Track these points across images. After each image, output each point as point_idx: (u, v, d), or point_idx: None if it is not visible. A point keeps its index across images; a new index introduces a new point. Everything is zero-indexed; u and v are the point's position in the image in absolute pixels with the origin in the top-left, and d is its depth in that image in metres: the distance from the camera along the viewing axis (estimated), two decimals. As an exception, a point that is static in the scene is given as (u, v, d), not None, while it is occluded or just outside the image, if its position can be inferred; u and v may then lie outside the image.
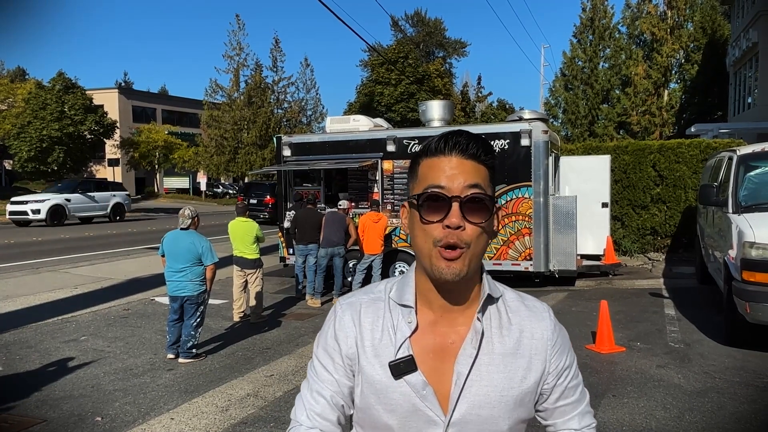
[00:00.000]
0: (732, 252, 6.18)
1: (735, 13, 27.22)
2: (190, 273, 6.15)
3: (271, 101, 42.66)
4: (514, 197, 9.41)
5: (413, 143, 9.96)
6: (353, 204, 10.30)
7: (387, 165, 10.20)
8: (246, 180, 44.57)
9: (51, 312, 8.54)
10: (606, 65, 34.16)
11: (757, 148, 7.45)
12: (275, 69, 43.79)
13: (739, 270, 5.91)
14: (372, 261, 9.19)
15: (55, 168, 30.66)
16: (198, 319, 6.27)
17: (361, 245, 9.24)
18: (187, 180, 49.09)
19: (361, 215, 9.60)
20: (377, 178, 10.28)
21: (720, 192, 7.25)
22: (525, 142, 9.29)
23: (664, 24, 32.50)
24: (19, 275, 11.72)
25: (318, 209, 9.66)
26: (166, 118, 55.44)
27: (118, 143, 41.68)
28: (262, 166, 36.94)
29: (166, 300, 9.37)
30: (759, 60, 22.32)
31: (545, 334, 1.18)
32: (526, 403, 1.16)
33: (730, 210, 6.73)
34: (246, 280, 8.08)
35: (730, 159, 7.47)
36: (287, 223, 10.34)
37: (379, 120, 11.94)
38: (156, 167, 48.10)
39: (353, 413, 1.21)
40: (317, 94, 53.04)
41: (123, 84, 72.19)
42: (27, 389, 5.39)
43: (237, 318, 8.05)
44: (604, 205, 10.96)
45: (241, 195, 27.31)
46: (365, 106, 37.79)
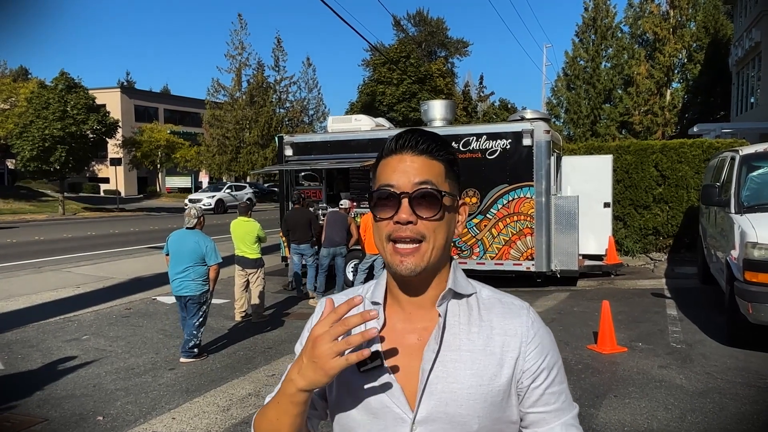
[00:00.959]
0: (734, 252, 6.17)
1: (738, 13, 27.16)
2: (192, 272, 6.15)
3: (273, 101, 42.67)
4: (515, 197, 9.40)
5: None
6: (355, 204, 10.30)
7: (389, 165, 10.17)
8: (248, 179, 44.61)
9: (53, 311, 8.56)
10: (608, 65, 34.11)
11: (760, 148, 7.43)
12: (277, 68, 43.84)
13: (742, 270, 5.90)
14: (373, 261, 9.19)
15: (58, 167, 30.65)
16: (200, 319, 6.26)
17: (363, 245, 9.25)
18: (189, 179, 49.18)
19: (363, 215, 9.60)
20: (379, 177, 10.26)
21: (722, 192, 7.23)
22: (527, 141, 9.29)
23: (666, 23, 32.44)
24: (22, 274, 11.74)
25: (308, 208, 9.61)
26: (168, 117, 55.49)
27: (120, 142, 41.69)
28: (263, 165, 36.97)
29: (168, 299, 9.41)
30: (762, 60, 22.27)
31: (519, 330, 1.13)
32: (499, 403, 1.11)
33: (732, 210, 6.72)
34: (247, 279, 8.09)
35: (732, 159, 7.45)
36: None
37: (381, 120, 11.95)
38: (158, 167, 48.14)
39: (329, 412, 1.21)
40: (319, 93, 53.07)
41: (125, 83, 72.27)
42: (29, 388, 5.40)
43: (238, 317, 8.06)
44: (606, 205, 10.94)
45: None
46: (367, 105, 37.80)
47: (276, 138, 11.74)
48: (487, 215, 9.59)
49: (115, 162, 35.42)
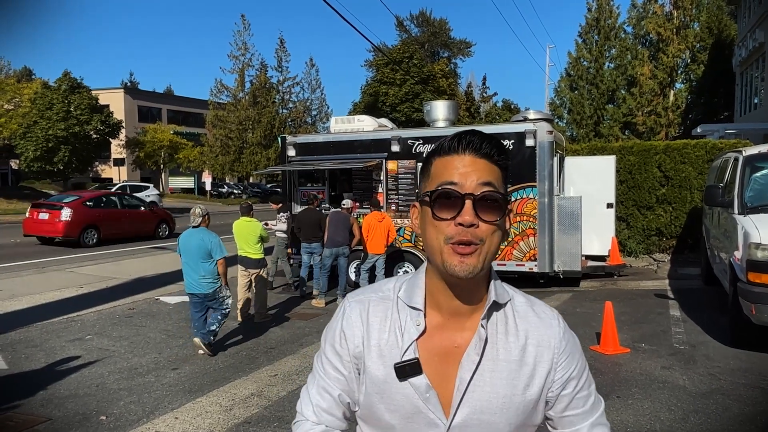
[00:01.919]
0: (737, 253, 6.16)
1: (741, 13, 27.10)
2: (202, 270, 6.30)
3: (276, 101, 42.73)
4: (518, 198, 9.39)
5: (418, 143, 9.96)
6: (357, 204, 10.30)
7: (391, 165, 10.20)
8: (251, 179, 44.65)
9: (56, 311, 8.58)
10: (611, 65, 34.08)
11: (763, 148, 7.41)
12: (280, 69, 43.89)
13: (745, 271, 5.88)
14: (375, 261, 9.19)
15: (61, 167, 30.75)
16: (224, 311, 6.50)
17: (365, 245, 9.25)
18: (192, 180, 49.22)
19: (366, 215, 9.60)
20: (381, 178, 10.28)
21: (726, 193, 7.22)
22: (530, 142, 9.28)
23: (670, 24, 32.39)
24: (25, 274, 11.77)
25: (319, 209, 9.75)
26: (171, 117, 55.55)
27: (123, 143, 41.81)
28: (266, 166, 36.99)
29: (171, 299, 9.44)
30: (765, 60, 22.20)
31: (552, 342, 1.16)
32: (529, 411, 1.15)
33: (735, 211, 6.70)
34: (250, 279, 8.10)
35: (736, 160, 7.44)
36: (281, 224, 10.42)
37: (384, 120, 11.94)
38: (161, 167, 48.21)
39: (357, 410, 1.21)
40: (322, 94, 53.03)
41: (128, 84, 72.37)
42: (32, 388, 5.41)
43: (241, 318, 8.07)
44: (609, 206, 10.93)
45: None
46: (370, 106, 37.80)
47: (279, 138, 11.78)
48: (508, 225, 9.56)
49: (119, 162, 35.53)
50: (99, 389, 5.43)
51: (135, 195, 25.47)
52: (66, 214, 16.00)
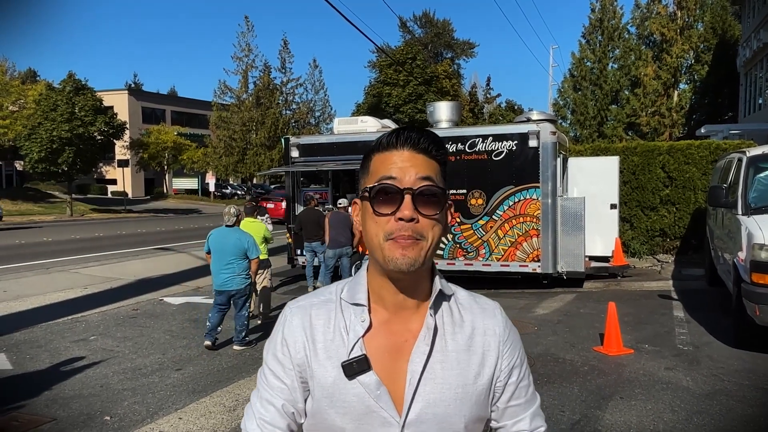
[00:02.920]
0: (741, 254, 6.14)
1: (746, 14, 27.02)
2: (237, 267, 6.56)
3: (280, 102, 42.76)
4: (521, 198, 9.39)
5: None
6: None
7: (395, 166, 10.19)
8: (255, 181, 44.72)
9: (61, 312, 8.61)
10: (615, 66, 34.01)
11: (767, 149, 7.40)
12: (284, 70, 43.91)
13: (749, 272, 5.87)
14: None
15: (65, 169, 30.85)
16: (248, 310, 6.80)
17: (364, 245, 9.32)
18: (196, 181, 49.36)
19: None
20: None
21: (729, 193, 7.20)
22: (533, 143, 9.27)
23: (673, 24, 32.32)
24: (30, 275, 11.82)
25: (317, 208, 9.95)
26: (175, 119, 55.73)
27: (127, 144, 41.92)
28: (270, 167, 37.03)
29: (174, 300, 9.46)
30: (770, 60, 22.15)
31: (497, 330, 1.18)
32: (481, 401, 1.15)
33: (739, 212, 6.69)
34: (254, 280, 8.11)
35: (739, 160, 7.42)
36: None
37: (387, 121, 11.97)
38: (165, 168, 48.37)
39: (304, 422, 1.17)
40: (325, 95, 53.10)
41: (133, 85, 72.60)
42: (37, 388, 5.43)
43: (245, 318, 8.08)
44: (612, 207, 10.91)
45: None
46: (373, 107, 37.83)
47: (282, 139, 11.78)
48: (493, 217, 9.59)
49: (123, 163, 35.60)
50: (103, 390, 5.45)
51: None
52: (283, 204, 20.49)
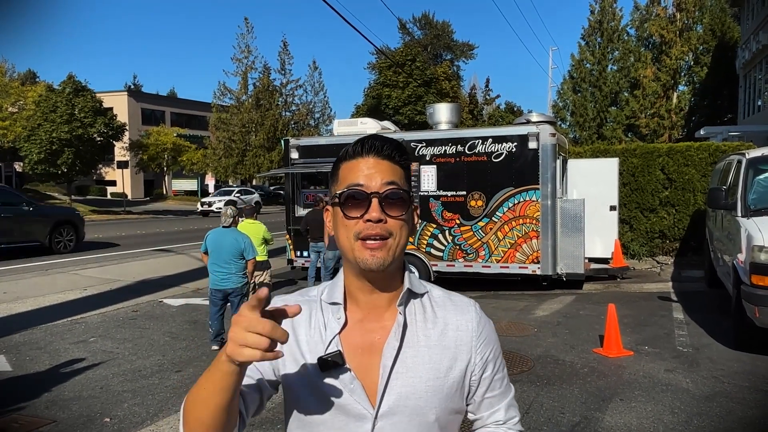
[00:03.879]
0: (741, 256, 6.15)
1: (745, 16, 27.07)
2: (234, 267, 6.63)
3: (279, 104, 42.80)
4: (521, 200, 9.39)
5: (421, 146, 9.97)
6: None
7: (394, 168, 10.20)
8: (254, 182, 44.70)
9: (60, 313, 8.60)
10: (614, 68, 34.08)
11: (766, 151, 7.41)
12: (283, 72, 43.99)
13: (748, 274, 5.88)
14: None
15: (65, 170, 30.84)
16: None
17: None
18: (196, 182, 49.34)
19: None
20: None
21: (729, 195, 7.21)
22: (532, 144, 9.28)
23: (673, 26, 32.38)
24: (29, 276, 11.81)
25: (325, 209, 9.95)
26: (174, 120, 55.74)
27: (127, 145, 41.92)
28: (269, 168, 37.06)
29: (174, 302, 9.46)
30: (769, 62, 22.18)
31: (470, 325, 1.23)
32: (453, 394, 1.20)
33: (739, 213, 6.70)
34: (254, 282, 8.12)
35: (739, 162, 7.43)
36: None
37: (387, 123, 11.96)
38: (164, 169, 48.36)
39: (285, 414, 1.23)
40: (325, 96, 53.14)
41: (132, 86, 72.65)
42: (36, 390, 5.43)
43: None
44: (612, 208, 10.92)
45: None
46: (373, 108, 37.85)
47: (282, 141, 11.78)
48: (493, 218, 9.59)
49: (122, 165, 35.59)
50: (103, 391, 5.45)
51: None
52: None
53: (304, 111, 45.29)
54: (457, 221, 9.80)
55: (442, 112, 10.95)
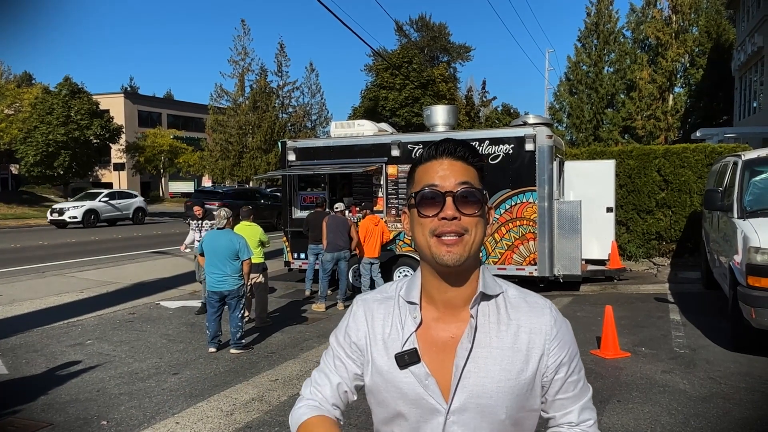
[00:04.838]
0: (737, 257, 6.17)
1: (740, 18, 27.16)
2: (229, 268, 6.65)
3: (276, 106, 42.76)
4: (518, 202, 9.40)
5: (417, 148, 9.98)
6: (358, 209, 10.32)
7: (391, 169, 10.22)
8: (251, 184, 44.62)
9: (57, 316, 8.58)
10: (611, 69, 34.15)
11: (763, 152, 7.43)
12: (280, 74, 43.91)
13: (745, 275, 5.89)
14: (371, 264, 9.26)
15: (61, 172, 30.79)
16: (241, 312, 6.83)
17: (361, 248, 9.33)
18: (192, 184, 49.27)
19: (362, 219, 9.64)
20: (381, 182, 10.30)
21: (725, 197, 7.23)
22: (529, 146, 9.30)
23: (668, 28, 32.47)
24: (26, 279, 11.77)
25: (327, 211, 9.93)
26: (171, 122, 55.66)
27: (123, 148, 41.88)
28: (266, 170, 37.03)
29: (171, 304, 9.44)
30: (764, 64, 22.26)
31: (544, 328, 1.25)
32: (525, 394, 1.22)
33: (735, 215, 6.72)
34: (251, 284, 8.10)
35: (735, 164, 7.45)
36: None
37: (384, 125, 11.96)
38: (161, 171, 48.29)
39: (369, 404, 1.32)
40: (322, 98, 53.15)
41: (129, 89, 72.50)
42: (33, 393, 5.41)
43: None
44: (608, 210, 10.94)
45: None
46: (370, 110, 37.86)
47: (279, 143, 11.78)
48: (490, 220, 9.59)
49: (119, 167, 35.54)
50: (100, 394, 5.43)
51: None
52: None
53: (300, 113, 45.24)
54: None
55: (439, 114, 10.96)
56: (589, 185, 10.78)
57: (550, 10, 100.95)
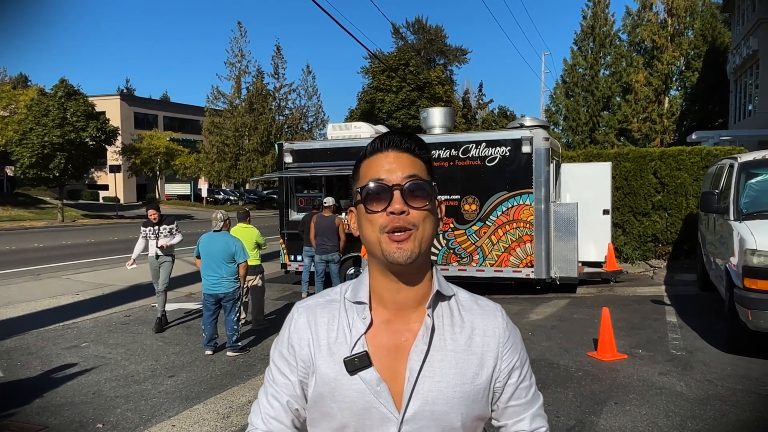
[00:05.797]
0: (733, 259, 6.18)
1: (735, 21, 27.29)
2: (225, 271, 6.64)
3: (273, 108, 42.77)
4: (515, 204, 9.41)
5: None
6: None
7: (388, 172, 10.20)
8: (247, 186, 44.60)
9: (52, 318, 8.54)
10: (607, 72, 34.30)
11: (758, 155, 7.45)
12: (277, 76, 43.97)
13: (741, 277, 5.90)
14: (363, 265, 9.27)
15: (57, 174, 30.67)
16: (237, 314, 6.81)
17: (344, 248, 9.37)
18: (189, 186, 49.17)
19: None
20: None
21: (721, 199, 7.25)
22: (526, 149, 9.31)
23: (664, 31, 32.61)
24: (21, 281, 11.73)
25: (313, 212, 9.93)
26: (167, 124, 55.57)
27: (119, 150, 41.73)
28: (263, 172, 37.00)
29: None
30: (759, 67, 22.36)
31: (497, 331, 1.21)
32: (479, 400, 1.18)
33: (731, 217, 6.73)
34: (247, 286, 8.09)
35: (731, 166, 7.47)
36: (164, 240, 10.34)
37: (381, 127, 11.97)
38: (157, 174, 48.14)
39: (307, 415, 1.22)
40: (318, 100, 53.30)
41: (125, 91, 72.39)
42: (28, 396, 5.38)
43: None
44: (605, 212, 10.95)
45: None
46: (366, 113, 37.90)
47: (276, 145, 11.77)
48: (487, 222, 9.61)
49: (115, 169, 35.42)
50: (95, 397, 5.41)
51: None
52: None
53: (297, 115, 45.28)
54: (451, 225, 9.81)
55: (435, 116, 10.97)
56: (586, 187, 10.79)
57: (546, 13, 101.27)
